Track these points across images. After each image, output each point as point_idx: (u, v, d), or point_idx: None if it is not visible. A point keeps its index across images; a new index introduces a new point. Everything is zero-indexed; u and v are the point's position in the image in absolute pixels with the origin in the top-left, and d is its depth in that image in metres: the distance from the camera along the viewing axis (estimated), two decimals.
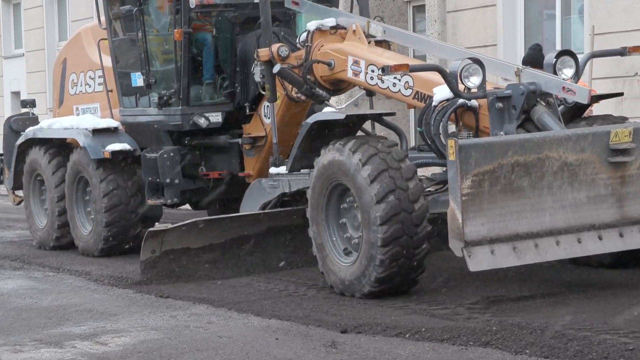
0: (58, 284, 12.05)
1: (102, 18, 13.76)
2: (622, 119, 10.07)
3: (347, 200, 9.93)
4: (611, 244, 8.82)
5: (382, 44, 11.37)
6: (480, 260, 8.30)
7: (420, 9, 18.24)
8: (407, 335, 8.13)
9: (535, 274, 9.45)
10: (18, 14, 31.36)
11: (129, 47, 13.42)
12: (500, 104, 9.25)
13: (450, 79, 9.41)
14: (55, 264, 13.50)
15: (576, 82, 9.62)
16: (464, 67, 9.36)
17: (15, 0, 31.29)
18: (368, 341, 8.12)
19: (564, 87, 9.22)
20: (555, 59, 9.63)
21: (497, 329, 8.01)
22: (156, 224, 11.25)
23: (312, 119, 10.59)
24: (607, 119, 9.96)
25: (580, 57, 10.03)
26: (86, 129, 13.33)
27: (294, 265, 11.20)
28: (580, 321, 8.17)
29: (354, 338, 8.23)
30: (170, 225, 11.02)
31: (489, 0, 16.15)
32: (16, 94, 31.30)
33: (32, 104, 17.23)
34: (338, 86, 11.52)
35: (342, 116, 10.48)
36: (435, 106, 9.77)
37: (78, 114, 14.45)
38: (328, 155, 9.81)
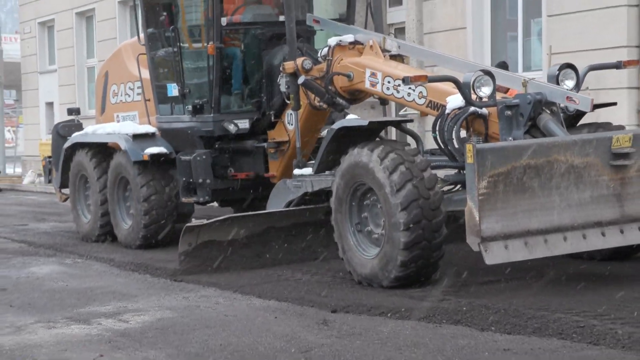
0: (86, 269, 12.45)
1: (141, 35, 13.96)
2: (620, 127, 10.11)
3: (370, 197, 9.91)
4: (613, 239, 8.87)
5: (397, 57, 11.43)
6: (495, 255, 8.36)
7: (400, 30, 18.36)
8: (389, 315, 8.55)
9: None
10: (52, 35, 32.12)
11: (165, 60, 13.59)
12: (509, 112, 9.36)
13: (464, 89, 9.46)
14: (83, 252, 13.86)
15: (577, 92, 9.67)
16: (476, 78, 9.42)
17: (50, 23, 31.99)
18: (355, 319, 8.50)
19: (568, 97, 9.38)
20: (558, 72, 9.80)
21: (467, 309, 8.42)
22: (192, 219, 11.41)
23: (337, 125, 10.64)
24: (607, 126, 9.98)
25: (580, 69, 10.04)
26: (127, 134, 13.53)
27: (319, 256, 11.32)
28: (539, 302, 8.59)
29: (342, 317, 8.62)
30: (205, 221, 11.00)
31: (460, 23, 16.52)
32: (50, 104, 32.32)
33: (77, 112, 17.30)
34: (356, 96, 11.55)
35: (365, 123, 10.46)
36: (448, 114, 9.79)
37: (118, 121, 14.66)
38: (354, 157, 9.81)
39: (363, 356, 7.22)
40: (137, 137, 13.46)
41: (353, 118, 11.25)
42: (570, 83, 9.81)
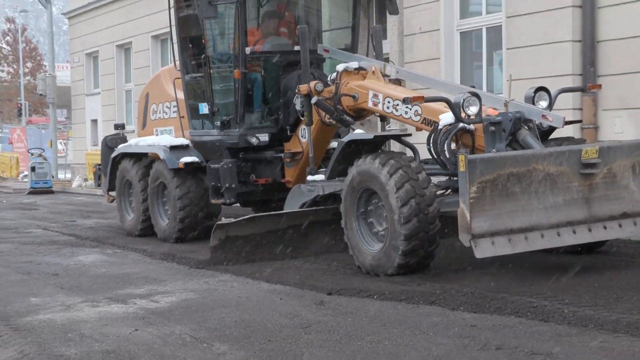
0: (123, 258, 12.42)
1: (177, 62, 13.86)
2: (582, 141, 10.15)
3: (374, 201, 9.82)
4: (582, 236, 8.80)
5: (395, 81, 11.38)
6: (483, 250, 8.25)
7: (385, 59, 18.12)
8: (375, 297, 8.57)
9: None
10: (96, 64, 32.16)
11: (197, 84, 13.49)
12: (493, 128, 9.33)
13: (454, 108, 9.43)
14: (121, 243, 13.88)
15: (550, 111, 9.61)
16: (465, 99, 9.41)
17: (95, 54, 32.03)
18: (346, 301, 8.53)
19: (543, 115, 9.34)
20: (533, 94, 9.74)
21: (440, 292, 8.47)
22: (222, 218, 11.34)
23: (347, 138, 10.65)
24: (571, 140, 9.97)
25: (552, 91, 10.02)
26: (165, 146, 13.54)
27: (333, 250, 11.16)
28: (500, 287, 8.65)
29: (336, 298, 8.65)
30: (233, 220, 10.95)
31: (435, 54, 16.48)
32: (94, 121, 32.36)
33: (122, 127, 17.52)
34: (360, 114, 11.47)
35: (371, 136, 10.55)
36: (440, 129, 9.74)
37: (157, 135, 14.62)
38: (361, 165, 9.74)
39: (353, 331, 7.27)
40: (173, 148, 13.47)
41: (360, 132, 11.15)
42: (544, 103, 9.77)
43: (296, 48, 12.22)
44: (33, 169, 28.41)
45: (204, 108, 13.19)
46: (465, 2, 16.91)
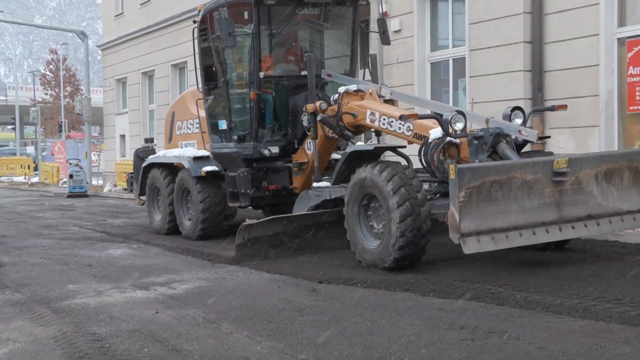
0: (146, 252, 12.27)
1: (200, 86, 13.64)
2: (550, 153, 9.90)
3: (373, 204, 9.56)
4: (554, 235, 8.58)
5: (389, 101, 11.12)
6: (470, 246, 7.96)
7: None
8: (359, 285, 8.51)
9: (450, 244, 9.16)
10: (125, 88, 32.24)
11: (217, 104, 13.26)
12: (476, 141, 9.10)
13: (443, 124, 9.21)
14: (145, 239, 13.69)
15: (524, 128, 9.46)
16: (452, 116, 9.20)
17: (123, 80, 32.10)
18: (335, 288, 8.47)
19: (520, 131, 9.14)
20: (510, 112, 9.54)
21: (413, 281, 8.43)
22: (246, 219, 10.98)
23: (350, 149, 10.47)
24: (540, 152, 9.86)
25: (526, 111, 9.90)
26: (189, 157, 13.27)
27: (337, 246, 10.73)
28: (463, 276, 8.64)
29: (326, 286, 8.58)
30: (255, 221, 10.62)
31: (410, 81, 16.49)
32: (122, 136, 32.39)
33: (151, 140, 17.24)
34: (359, 129, 11.21)
35: (371, 148, 10.35)
36: (430, 142, 9.52)
37: (182, 147, 14.33)
38: (363, 173, 9.48)
39: (340, 314, 7.24)
40: (196, 159, 13.24)
41: (361, 144, 10.99)
42: (519, 121, 9.57)
43: (303, 73, 12.06)
44: (71, 176, 28.36)
45: (223, 124, 12.99)
46: (435, 38, 16.87)
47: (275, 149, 12.36)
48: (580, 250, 10.04)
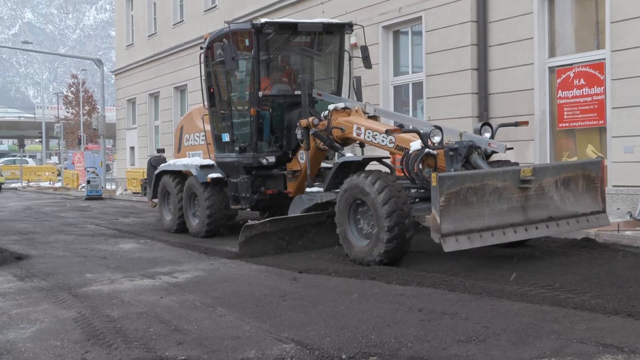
0: (152, 246, 11.95)
1: (206, 103, 13.16)
2: (515, 163, 9.64)
3: (363, 209, 9.09)
4: (521, 235, 8.31)
5: (373, 117, 10.79)
6: (450, 245, 7.64)
7: None
8: (333, 274, 8.32)
9: (414, 241, 9.08)
10: (134, 107, 31.39)
11: (221, 119, 12.73)
12: (451, 153, 8.75)
13: (423, 137, 8.85)
14: (151, 236, 13.33)
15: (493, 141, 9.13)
16: (431, 131, 8.84)
17: (133, 100, 31.41)
18: (313, 277, 8.28)
19: (489, 143, 8.83)
20: (480, 127, 9.25)
21: (379, 270, 8.21)
22: (249, 220, 10.83)
23: (341, 160, 10.13)
24: (506, 163, 9.52)
25: (494, 125, 9.57)
26: (196, 165, 12.84)
27: (326, 243, 10.33)
28: (422, 267, 8.45)
29: (305, 276, 8.37)
30: (257, 222, 10.25)
31: (376, 101, 15.99)
32: (132, 148, 31.73)
33: (162, 151, 16.54)
34: (346, 142, 10.80)
35: (360, 158, 9.98)
36: (411, 153, 9.15)
37: (189, 157, 13.89)
38: (354, 180, 9.03)
39: (317, 299, 7.07)
40: (202, 167, 12.81)
41: (350, 155, 10.46)
42: (488, 135, 9.24)
43: (296, 92, 11.69)
44: (88, 182, 28.16)
45: (226, 137, 12.54)
46: (397, 65, 16.62)
47: (272, 159, 11.92)
48: (532, 246, 9.77)
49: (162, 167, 14.57)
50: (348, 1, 17.37)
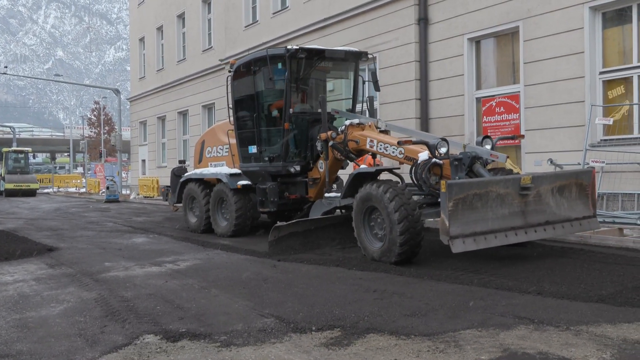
0: (160, 239, 11.43)
1: (231, 119, 12.06)
2: (510, 171, 8.85)
3: (376, 214, 8.16)
4: (521, 237, 7.47)
5: (384, 131, 10.05)
6: (457, 247, 6.87)
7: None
8: (305, 262, 8.04)
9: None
10: (145, 127, 30.74)
11: (247, 133, 11.65)
12: (456, 162, 7.94)
13: (431, 148, 8.05)
14: (158, 231, 12.68)
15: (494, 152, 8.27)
16: (438, 143, 8.08)
17: (144, 122, 30.65)
18: (289, 264, 7.89)
19: (492, 154, 7.98)
20: (481, 140, 8.41)
21: (342, 259, 8.00)
22: (277, 221, 10.05)
23: (356, 171, 9.05)
24: (504, 171, 8.70)
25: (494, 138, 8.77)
26: (226, 174, 11.65)
27: (346, 243, 9.41)
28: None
29: (283, 263, 8.01)
30: (284, 223, 9.33)
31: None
32: (143, 161, 30.49)
33: (184, 162, 15.20)
34: (361, 153, 9.94)
35: (373, 170, 8.82)
36: (419, 163, 8.29)
37: (212, 167, 12.89)
38: (367, 190, 8.19)
39: (292, 282, 6.71)
40: (232, 175, 11.64)
41: (364, 167, 9.53)
42: (488, 146, 8.44)
43: (318, 110, 10.74)
44: (107, 187, 27.72)
45: (253, 149, 11.45)
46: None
47: (296, 167, 10.79)
48: (532, 247, 8.98)
49: (189, 175, 13.15)
50: (323, 45, 17.19)
